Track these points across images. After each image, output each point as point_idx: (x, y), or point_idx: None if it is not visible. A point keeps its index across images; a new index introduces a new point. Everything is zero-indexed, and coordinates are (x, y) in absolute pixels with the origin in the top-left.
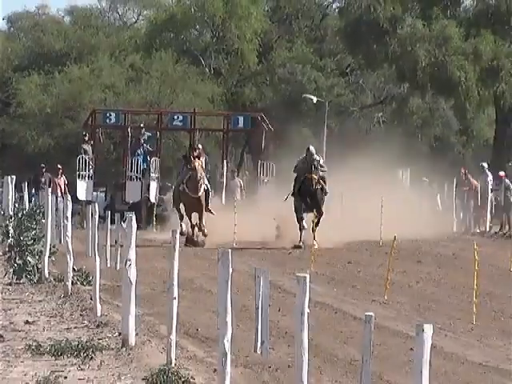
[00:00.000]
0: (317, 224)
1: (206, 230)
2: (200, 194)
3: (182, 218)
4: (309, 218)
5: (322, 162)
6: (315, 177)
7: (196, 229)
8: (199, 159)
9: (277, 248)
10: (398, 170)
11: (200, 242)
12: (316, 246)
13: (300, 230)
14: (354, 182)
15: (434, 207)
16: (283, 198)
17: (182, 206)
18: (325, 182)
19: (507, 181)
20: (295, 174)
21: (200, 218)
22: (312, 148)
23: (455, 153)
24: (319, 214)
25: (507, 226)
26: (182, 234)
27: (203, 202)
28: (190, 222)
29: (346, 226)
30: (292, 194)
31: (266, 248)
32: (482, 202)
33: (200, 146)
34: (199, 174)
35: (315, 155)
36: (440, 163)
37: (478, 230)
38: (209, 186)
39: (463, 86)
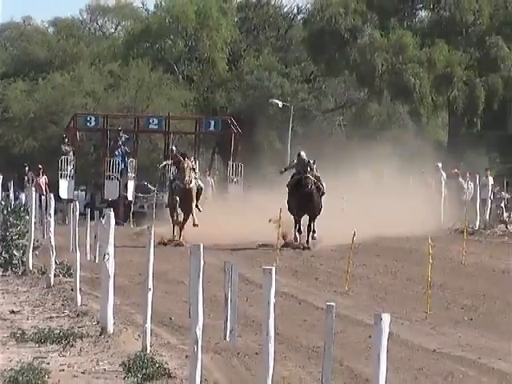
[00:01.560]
0: (313, 230)
1: (196, 220)
2: (192, 185)
3: (173, 221)
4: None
5: (315, 166)
6: (311, 177)
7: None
8: (189, 160)
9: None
10: (358, 170)
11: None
12: (311, 248)
13: (295, 230)
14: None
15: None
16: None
17: (176, 202)
18: (321, 182)
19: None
20: (292, 172)
21: (191, 210)
22: (303, 153)
23: (412, 154)
24: (315, 217)
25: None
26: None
27: (194, 194)
28: (180, 218)
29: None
30: (288, 195)
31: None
32: (437, 199)
33: (174, 148)
34: (187, 170)
35: (307, 159)
36: (398, 164)
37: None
38: (200, 183)
39: (418, 91)
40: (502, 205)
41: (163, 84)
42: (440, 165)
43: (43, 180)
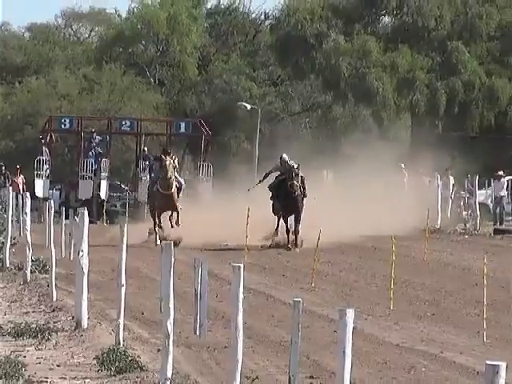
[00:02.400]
0: (297, 227)
1: (180, 222)
2: (172, 190)
3: (154, 218)
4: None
5: (297, 165)
6: (296, 184)
7: (166, 229)
8: (171, 157)
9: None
10: (323, 170)
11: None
12: (298, 250)
13: (276, 228)
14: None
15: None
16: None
17: (156, 206)
18: (305, 184)
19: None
20: (273, 174)
21: (174, 213)
22: (285, 155)
23: (375, 155)
24: (299, 217)
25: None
26: (157, 235)
27: (175, 198)
28: (159, 220)
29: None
30: (270, 197)
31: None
32: (400, 197)
33: (145, 149)
34: (170, 171)
35: (291, 161)
36: (361, 164)
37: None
38: (182, 181)
39: (381, 95)
40: (462, 203)
41: (135, 87)
42: (403, 165)
43: (20, 180)
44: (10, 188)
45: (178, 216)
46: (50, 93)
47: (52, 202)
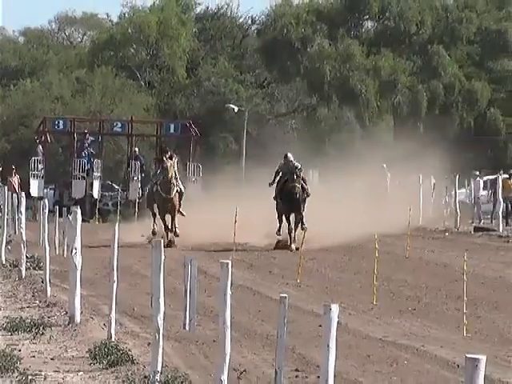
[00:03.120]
0: (295, 230)
1: (178, 231)
2: (173, 194)
3: (154, 217)
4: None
5: (300, 166)
6: (298, 186)
7: (169, 231)
8: (171, 160)
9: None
10: (308, 170)
11: (171, 243)
12: (293, 248)
13: (279, 228)
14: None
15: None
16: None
17: (155, 206)
18: (306, 183)
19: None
20: (279, 173)
21: (172, 219)
22: (290, 155)
23: (358, 155)
24: (300, 216)
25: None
26: (153, 233)
27: (176, 202)
28: (164, 223)
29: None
30: (274, 197)
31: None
32: (382, 196)
33: (136, 149)
34: (170, 174)
35: (294, 161)
36: (345, 164)
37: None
38: (182, 187)
39: (364, 97)
40: (443, 202)
41: (126, 90)
42: (385, 165)
43: (16, 179)
44: (6, 188)
45: (173, 222)
46: (44, 95)
47: (46, 200)
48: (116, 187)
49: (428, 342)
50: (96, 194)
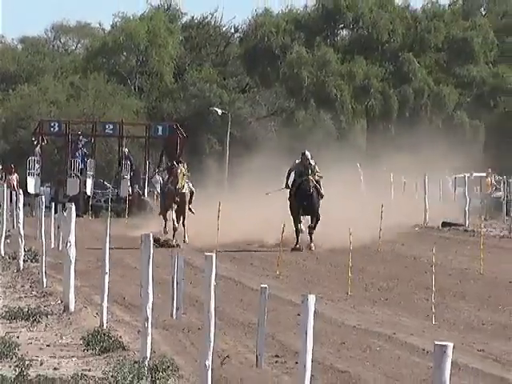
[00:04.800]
0: (314, 227)
1: (187, 238)
2: (184, 190)
3: (165, 219)
4: (306, 220)
5: (317, 167)
6: (312, 179)
7: (175, 232)
8: (182, 165)
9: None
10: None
11: (175, 244)
12: (313, 248)
13: (296, 232)
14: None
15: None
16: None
17: (167, 204)
18: (320, 185)
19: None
20: (292, 173)
21: (183, 215)
22: (307, 152)
23: (334, 155)
24: (315, 217)
25: None
26: (165, 233)
27: (187, 198)
28: (173, 222)
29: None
30: (289, 198)
31: None
32: (356, 194)
33: (126, 150)
34: (180, 175)
35: (311, 160)
36: (322, 163)
37: None
38: (192, 187)
39: (339, 101)
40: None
41: (117, 94)
42: (359, 164)
43: (14, 177)
44: (5, 185)
45: (184, 218)
46: (41, 99)
47: (43, 197)
48: (108, 185)
49: (399, 330)
50: (89, 191)
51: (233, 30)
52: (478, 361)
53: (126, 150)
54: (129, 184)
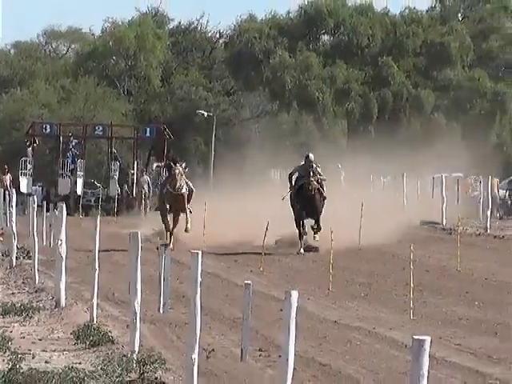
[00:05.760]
0: (317, 231)
1: (189, 226)
2: (183, 191)
3: (164, 221)
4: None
5: (319, 169)
6: (314, 182)
7: (173, 237)
8: (180, 165)
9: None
10: (271, 169)
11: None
12: (317, 239)
13: (300, 236)
14: (240, 181)
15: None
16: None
17: (166, 206)
18: (323, 187)
19: None
20: (294, 177)
21: (184, 212)
22: (311, 155)
23: (316, 156)
24: (318, 220)
25: None
26: (168, 232)
27: (185, 198)
28: (174, 221)
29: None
30: (290, 201)
31: None
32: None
33: (115, 151)
34: (179, 176)
35: (314, 163)
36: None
37: None
38: (191, 185)
39: (321, 103)
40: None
41: (107, 97)
42: (340, 165)
43: (7, 177)
44: None
45: (186, 220)
46: (33, 102)
47: (35, 197)
48: (97, 185)
49: (378, 325)
50: (79, 190)
51: (218, 35)
52: (454, 354)
53: (115, 151)
54: (117, 184)
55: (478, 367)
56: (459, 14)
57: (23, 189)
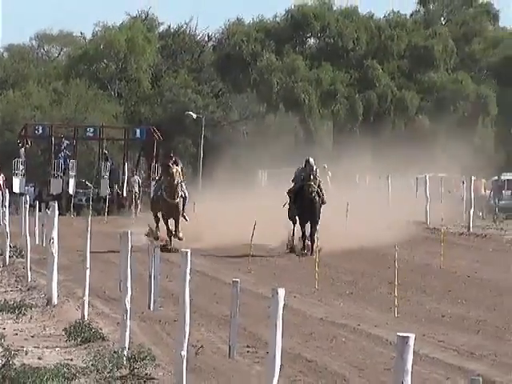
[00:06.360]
0: (314, 234)
1: (181, 235)
2: (177, 200)
3: (157, 223)
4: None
5: (318, 173)
6: (314, 185)
7: (172, 237)
8: (177, 166)
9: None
10: (258, 170)
11: (173, 249)
12: (311, 255)
13: (303, 237)
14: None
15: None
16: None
17: (159, 213)
18: (322, 190)
19: None
20: (292, 184)
21: (176, 224)
22: (311, 160)
23: (302, 156)
24: (316, 224)
25: None
26: (156, 238)
27: (180, 207)
28: (168, 228)
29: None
30: (288, 203)
31: None
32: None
33: (106, 152)
34: (176, 181)
35: (314, 167)
36: (291, 163)
37: None
38: (186, 192)
39: (307, 105)
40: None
41: (98, 99)
42: (325, 165)
43: (0, 178)
44: None
45: (177, 227)
46: (26, 104)
47: (27, 196)
48: (89, 185)
49: (363, 322)
50: (71, 190)
51: (207, 39)
52: (438, 351)
53: (106, 151)
54: (108, 183)
55: (461, 363)
56: (442, 18)
57: (16, 189)
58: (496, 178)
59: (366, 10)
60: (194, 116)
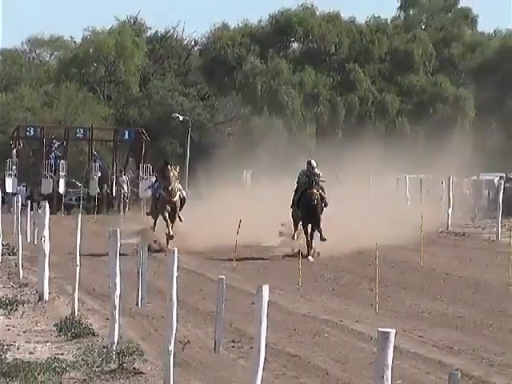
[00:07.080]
0: (313, 238)
1: (172, 232)
2: (176, 198)
3: (155, 224)
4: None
5: (321, 173)
6: (315, 192)
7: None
8: (175, 169)
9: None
10: (242, 170)
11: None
12: (312, 260)
13: (292, 237)
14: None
15: None
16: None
17: (165, 211)
18: (324, 191)
19: None
20: (296, 186)
21: (172, 221)
22: (313, 162)
23: (285, 157)
24: (318, 227)
25: None
26: (154, 242)
27: (178, 205)
28: (168, 233)
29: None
30: (291, 206)
31: None
32: None
33: (95, 153)
34: (173, 184)
35: (316, 169)
36: (274, 164)
37: None
38: (184, 193)
39: (290, 108)
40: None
41: (88, 102)
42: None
43: None
44: None
45: (170, 227)
46: (18, 106)
47: (19, 196)
48: (79, 184)
49: (345, 318)
50: (62, 190)
51: (193, 43)
52: (418, 346)
53: (95, 152)
54: (97, 183)
55: (440, 358)
56: (422, 23)
57: (8, 188)
58: (475, 178)
59: (348, 14)
60: (181, 118)
